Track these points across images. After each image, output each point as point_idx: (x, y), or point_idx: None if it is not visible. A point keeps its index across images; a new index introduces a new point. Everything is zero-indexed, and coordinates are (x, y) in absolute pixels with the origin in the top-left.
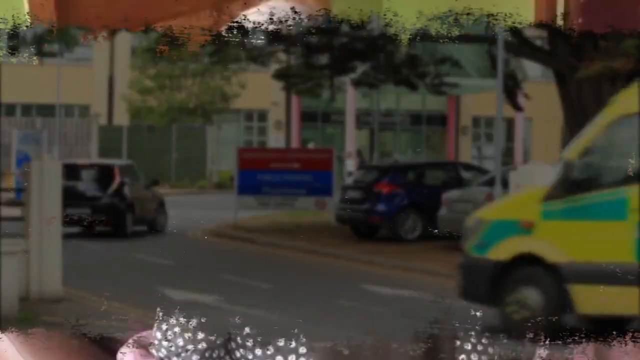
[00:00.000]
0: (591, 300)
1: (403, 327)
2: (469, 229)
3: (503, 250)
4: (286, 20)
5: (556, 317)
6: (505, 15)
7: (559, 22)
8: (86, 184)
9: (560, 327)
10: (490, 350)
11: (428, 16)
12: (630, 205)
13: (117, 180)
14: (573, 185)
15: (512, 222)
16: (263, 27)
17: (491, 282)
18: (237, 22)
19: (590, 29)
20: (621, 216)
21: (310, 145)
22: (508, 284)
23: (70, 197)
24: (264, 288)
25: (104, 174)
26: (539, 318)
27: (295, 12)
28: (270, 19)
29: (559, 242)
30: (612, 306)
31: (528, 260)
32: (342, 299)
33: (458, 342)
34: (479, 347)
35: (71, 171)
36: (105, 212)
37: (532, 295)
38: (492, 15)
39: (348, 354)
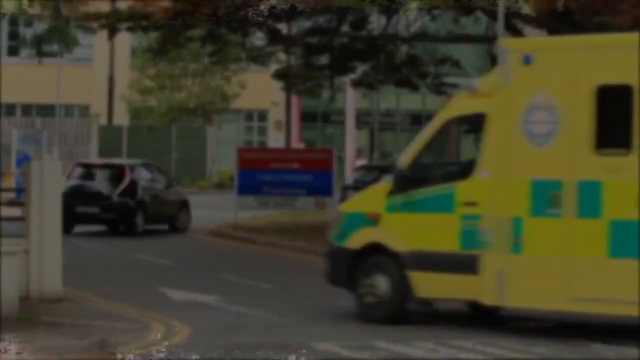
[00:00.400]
0: (427, 286)
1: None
2: (333, 221)
3: (356, 240)
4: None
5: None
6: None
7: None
8: (97, 183)
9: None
10: (490, 350)
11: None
12: (457, 199)
13: (127, 179)
14: (410, 181)
15: (362, 214)
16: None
17: (348, 269)
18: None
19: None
20: (449, 209)
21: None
22: (361, 270)
23: (81, 195)
24: (264, 288)
25: (115, 174)
26: (387, 302)
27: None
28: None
29: (400, 232)
30: (444, 291)
31: (376, 249)
32: (342, 299)
33: (458, 342)
34: (479, 347)
35: (83, 170)
36: (113, 210)
37: (380, 281)
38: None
39: (348, 354)
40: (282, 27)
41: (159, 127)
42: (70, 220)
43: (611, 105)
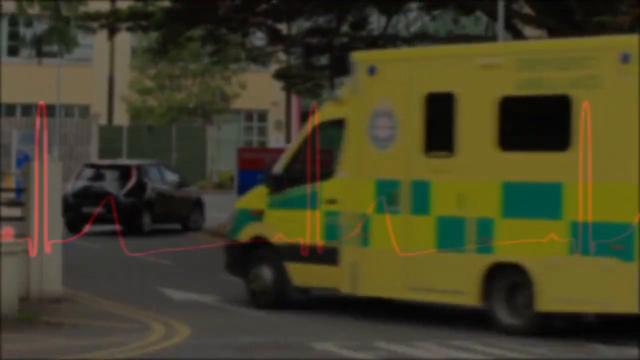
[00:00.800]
0: (300, 275)
1: (402, 327)
2: (230, 217)
3: (246, 234)
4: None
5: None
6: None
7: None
8: (104, 184)
9: None
10: (490, 350)
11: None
12: (321, 197)
13: (133, 179)
14: (285, 181)
15: (249, 210)
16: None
17: (240, 260)
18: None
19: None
20: (315, 206)
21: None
22: (250, 261)
23: (88, 196)
24: None
25: (123, 174)
26: (270, 290)
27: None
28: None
29: (278, 227)
30: (314, 281)
31: (262, 242)
32: (342, 299)
33: (458, 342)
34: (479, 347)
35: (91, 171)
36: (119, 210)
37: (264, 271)
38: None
39: (348, 354)
40: (282, 27)
41: (159, 127)
42: (78, 220)
43: (438, 111)
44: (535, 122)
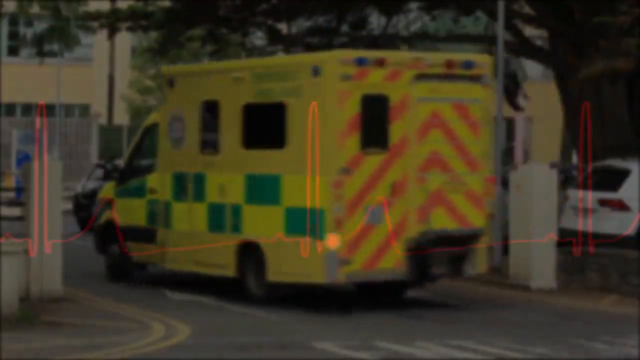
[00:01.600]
0: (136, 253)
1: (403, 327)
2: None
3: (103, 219)
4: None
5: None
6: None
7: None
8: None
9: None
10: (490, 350)
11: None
12: (147, 188)
13: None
14: (125, 174)
15: (105, 199)
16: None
17: (102, 239)
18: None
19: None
20: (142, 195)
21: None
22: (107, 241)
23: (96, 195)
24: None
25: None
26: (118, 265)
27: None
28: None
29: (121, 212)
30: (144, 257)
31: (112, 225)
32: (342, 299)
33: (458, 342)
34: (479, 347)
35: (102, 171)
36: None
37: (114, 249)
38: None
39: (348, 354)
40: (282, 27)
41: None
42: (89, 220)
43: (208, 116)
44: (264, 125)
